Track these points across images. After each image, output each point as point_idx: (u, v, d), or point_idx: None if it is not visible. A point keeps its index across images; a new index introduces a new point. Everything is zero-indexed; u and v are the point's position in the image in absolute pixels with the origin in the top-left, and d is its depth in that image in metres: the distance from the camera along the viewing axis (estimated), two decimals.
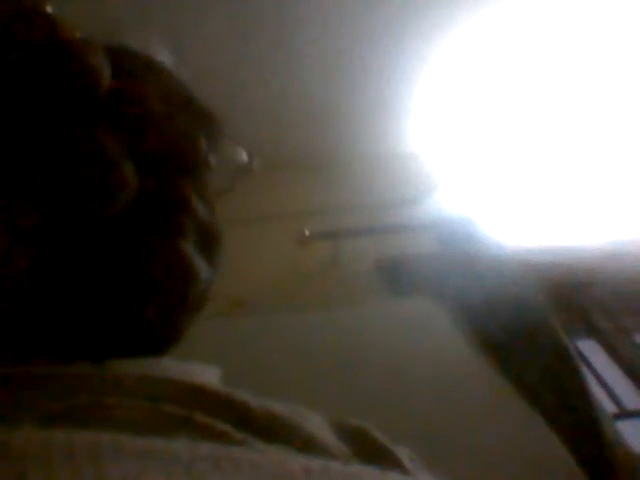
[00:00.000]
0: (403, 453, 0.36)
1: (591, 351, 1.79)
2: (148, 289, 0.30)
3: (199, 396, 0.27)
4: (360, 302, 1.51)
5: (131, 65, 0.36)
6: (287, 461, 0.22)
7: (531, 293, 1.44)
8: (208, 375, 0.32)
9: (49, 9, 0.29)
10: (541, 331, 1.33)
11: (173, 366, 0.30)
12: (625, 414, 1.62)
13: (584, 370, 1.37)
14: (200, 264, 0.33)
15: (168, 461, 0.19)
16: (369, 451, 0.33)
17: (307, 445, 0.28)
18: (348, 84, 1.90)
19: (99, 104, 0.30)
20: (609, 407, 1.59)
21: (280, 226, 1.83)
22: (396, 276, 1.66)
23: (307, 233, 1.78)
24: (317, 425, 0.31)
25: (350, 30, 1.73)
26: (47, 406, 0.23)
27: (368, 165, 2.05)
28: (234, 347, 1.11)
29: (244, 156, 0.42)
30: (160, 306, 0.31)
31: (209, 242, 0.35)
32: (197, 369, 0.31)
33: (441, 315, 1.25)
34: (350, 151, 2.07)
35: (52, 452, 0.18)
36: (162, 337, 0.32)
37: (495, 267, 1.48)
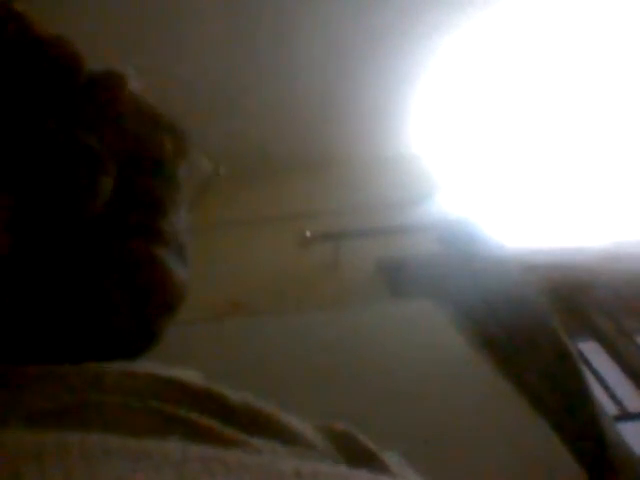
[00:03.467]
0: (391, 457, 0.36)
1: (592, 353, 1.79)
2: (126, 295, 0.30)
3: (181, 390, 0.27)
4: (361, 303, 1.51)
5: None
6: (277, 463, 0.22)
7: (532, 294, 1.44)
8: (189, 376, 0.32)
9: (19, 6, 0.29)
10: (541, 332, 1.33)
11: (152, 365, 0.30)
12: (626, 416, 1.62)
13: (585, 371, 1.37)
14: (179, 269, 0.33)
15: (159, 462, 0.19)
16: (356, 454, 0.33)
17: (293, 440, 0.27)
18: (349, 86, 1.90)
19: (76, 96, 0.30)
20: (610, 409, 1.59)
21: (281, 228, 1.83)
22: (397, 277, 1.66)
23: (308, 234, 1.78)
24: (301, 424, 0.31)
25: (351, 32, 1.74)
26: (31, 406, 0.23)
27: (369, 166, 2.06)
28: (235, 348, 1.11)
29: (209, 167, 0.42)
30: (139, 313, 0.31)
31: (181, 247, 0.35)
32: (178, 370, 0.31)
33: (441, 316, 1.25)
34: (351, 152, 2.07)
35: (45, 452, 0.18)
36: (138, 343, 0.32)
37: (495, 268, 1.48)
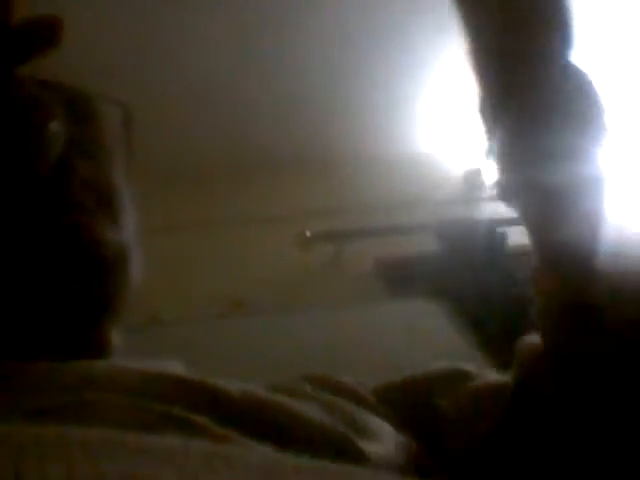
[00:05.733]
0: (366, 388, 0.38)
1: None
2: (53, 263, 0.30)
3: (172, 385, 0.27)
4: (361, 303, 1.51)
5: None
6: (278, 459, 0.23)
7: (532, 293, 1.44)
8: (173, 367, 0.33)
9: None
10: None
11: (136, 361, 0.30)
12: None
13: None
14: (104, 228, 0.32)
15: (161, 458, 0.19)
16: (340, 394, 0.35)
17: (298, 425, 0.28)
18: (351, 85, 1.90)
19: (12, 41, 0.29)
20: None
21: (281, 227, 1.83)
22: (397, 277, 1.66)
23: (308, 234, 1.78)
24: (305, 405, 0.31)
25: (355, 30, 1.74)
26: (29, 405, 0.23)
27: (369, 166, 2.06)
28: (235, 348, 1.11)
29: (119, 113, 0.40)
30: (80, 281, 0.30)
31: (108, 201, 0.34)
32: (162, 362, 0.32)
33: (441, 316, 1.25)
34: (351, 152, 2.07)
35: (46, 446, 0.18)
36: (91, 303, 0.32)
37: (496, 268, 1.48)
